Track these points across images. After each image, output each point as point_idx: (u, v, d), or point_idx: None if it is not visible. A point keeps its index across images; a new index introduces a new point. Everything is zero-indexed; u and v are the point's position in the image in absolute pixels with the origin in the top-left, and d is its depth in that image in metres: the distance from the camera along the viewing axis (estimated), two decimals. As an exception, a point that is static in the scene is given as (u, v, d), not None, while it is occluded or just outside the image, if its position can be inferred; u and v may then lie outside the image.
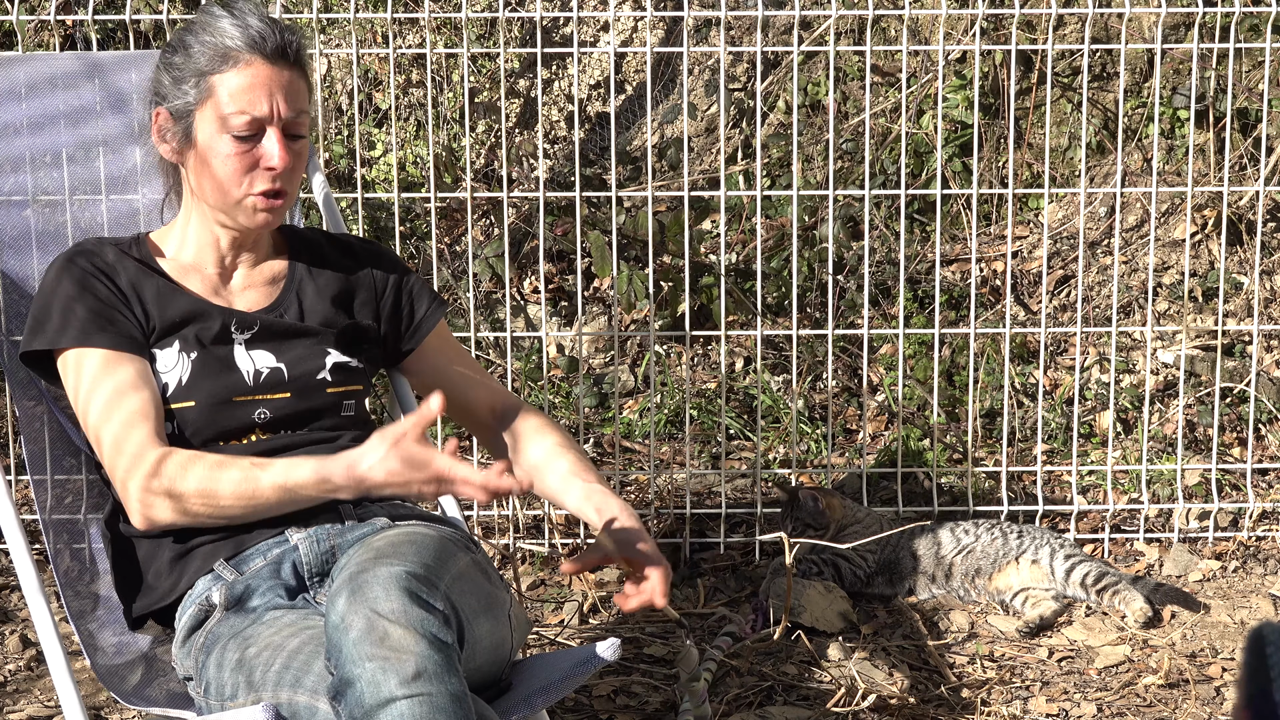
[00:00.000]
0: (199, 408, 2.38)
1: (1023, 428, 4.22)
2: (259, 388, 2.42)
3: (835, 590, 3.57)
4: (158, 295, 2.42)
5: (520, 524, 3.81)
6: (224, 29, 2.37)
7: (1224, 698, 3.24)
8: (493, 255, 4.20)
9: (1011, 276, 4.50)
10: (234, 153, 2.38)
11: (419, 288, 2.63)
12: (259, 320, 2.45)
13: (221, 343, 2.42)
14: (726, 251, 4.50)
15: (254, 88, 2.37)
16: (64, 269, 2.42)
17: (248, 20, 2.37)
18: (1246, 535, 3.88)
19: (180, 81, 2.40)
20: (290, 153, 2.40)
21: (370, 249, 2.64)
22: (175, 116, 2.41)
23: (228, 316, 2.44)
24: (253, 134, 2.39)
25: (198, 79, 2.38)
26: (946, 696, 3.22)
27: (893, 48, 4.13)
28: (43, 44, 4.49)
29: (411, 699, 1.94)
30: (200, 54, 2.38)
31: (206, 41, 2.38)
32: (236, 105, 2.37)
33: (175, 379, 2.39)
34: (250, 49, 2.36)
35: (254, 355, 2.43)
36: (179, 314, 2.42)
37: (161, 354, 2.40)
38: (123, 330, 2.38)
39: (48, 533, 2.57)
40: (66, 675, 2.32)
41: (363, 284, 2.57)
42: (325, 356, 2.47)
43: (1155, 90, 4.04)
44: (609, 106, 4.39)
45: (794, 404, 4.01)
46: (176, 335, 2.41)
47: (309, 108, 2.44)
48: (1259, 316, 4.13)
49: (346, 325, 2.50)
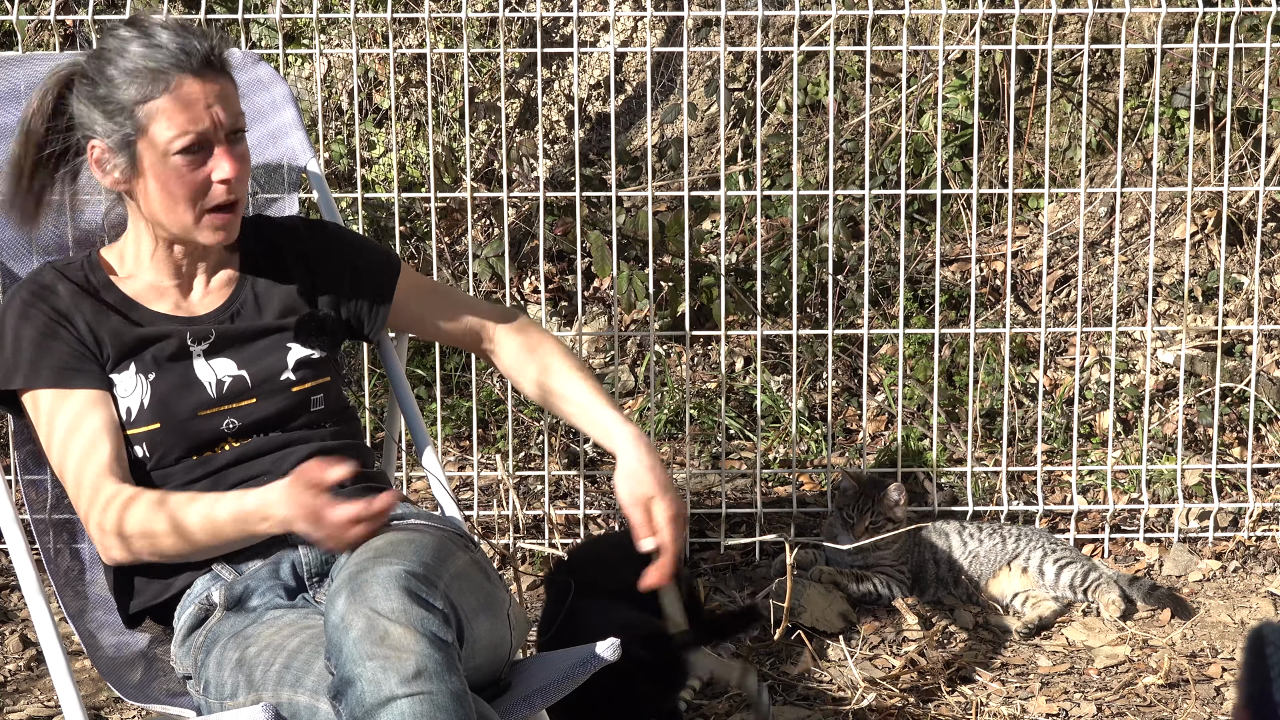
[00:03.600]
0: (165, 429, 2.37)
1: (1023, 428, 4.22)
2: (223, 398, 2.40)
3: (835, 591, 3.57)
4: (106, 320, 2.40)
5: (520, 524, 3.81)
6: (141, 54, 2.32)
7: (1224, 698, 3.24)
8: (493, 255, 4.20)
9: (1011, 276, 4.50)
10: (184, 175, 2.35)
11: (372, 252, 2.62)
12: (213, 329, 2.43)
13: (179, 358, 2.40)
14: (726, 251, 4.50)
15: (190, 106, 2.33)
16: (9, 303, 2.41)
17: (160, 39, 2.33)
18: (1246, 535, 3.88)
19: (112, 115, 2.34)
20: (237, 158, 2.38)
21: (318, 228, 2.62)
22: (115, 149, 2.36)
23: (181, 331, 2.42)
24: (199, 150, 2.36)
25: (131, 110, 2.33)
26: (946, 696, 3.22)
27: (893, 48, 4.13)
28: (43, 44, 4.49)
29: (412, 697, 1.94)
30: (125, 85, 2.33)
31: (127, 69, 2.33)
32: (177, 128, 2.33)
33: (136, 403, 2.38)
34: (176, 69, 2.32)
35: (214, 365, 2.42)
36: (132, 336, 2.40)
37: (119, 379, 2.38)
38: (81, 367, 2.37)
39: (47, 533, 2.57)
40: (66, 675, 2.32)
41: (318, 266, 2.54)
42: (287, 354, 2.45)
43: (1155, 90, 4.04)
44: (609, 106, 4.39)
45: (794, 404, 4.00)
46: (132, 359, 2.39)
47: (240, 104, 2.42)
48: (1259, 316, 4.13)
49: (304, 316, 2.48)
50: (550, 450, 4.02)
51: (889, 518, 3.59)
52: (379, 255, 2.62)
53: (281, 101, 2.90)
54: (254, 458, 2.39)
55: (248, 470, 2.38)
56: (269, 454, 2.40)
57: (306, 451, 2.40)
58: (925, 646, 3.41)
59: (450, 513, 2.62)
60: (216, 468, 2.38)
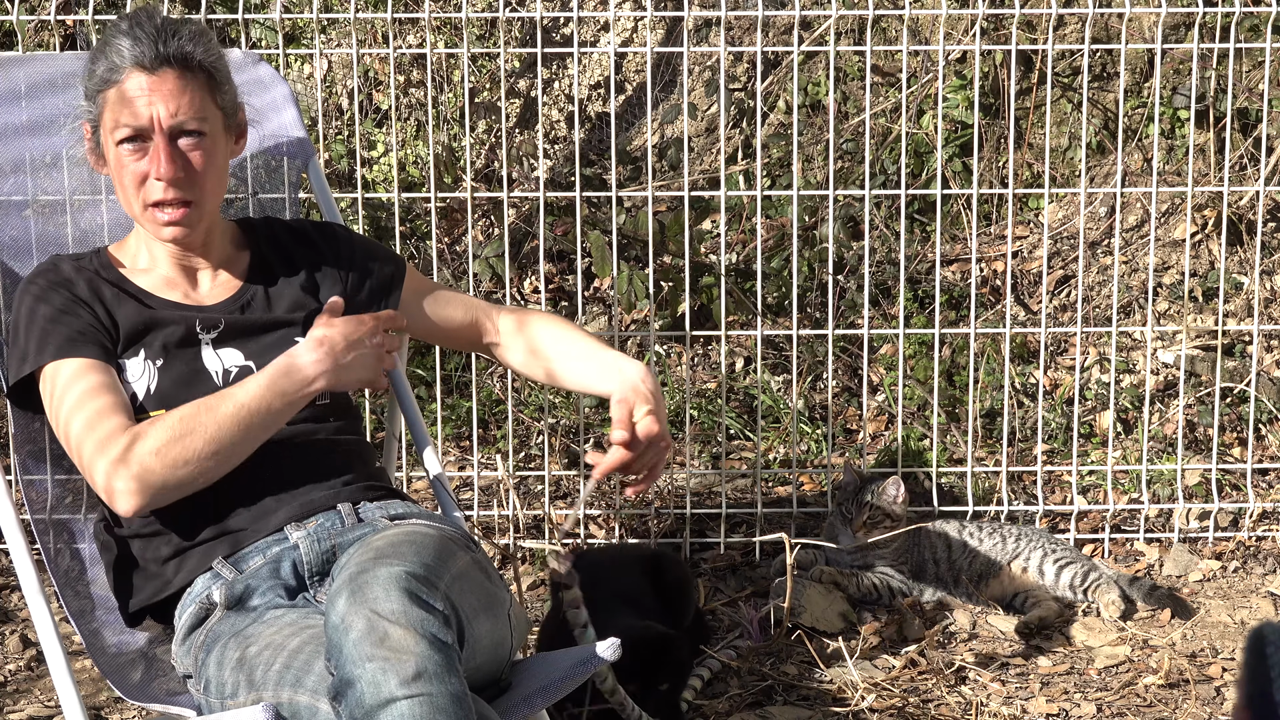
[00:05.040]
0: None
1: (1023, 428, 4.22)
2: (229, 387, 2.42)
3: (835, 591, 3.57)
4: (120, 305, 2.42)
5: (520, 524, 3.81)
6: (117, 46, 2.39)
7: (1224, 698, 3.24)
8: (493, 255, 4.20)
9: (1011, 276, 4.50)
10: (125, 166, 2.41)
11: (379, 255, 2.64)
12: (223, 319, 2.45)
13: (187, 345, 2.42)
14: (726, 251, 4.50)
15: (130, 100, 2.38)
16: (24, 293, 2.44)
17: (136, 33, 2.38)
18: (1246, 535, 3.88)
19: (88, 97, 2.45)
20: (177, 158, 2.39)
21: (327, 231, 2.63)
22: (92, 131, 2.47)
23: (191, 318, 2.43)
24: (139, 143, 2.39)
25: (95, 95, 2.42)
26: (946, 696, 3.22)
27: (893, 48, 4.13)
28: (43, 44, 4.49)
29: (412, 699, 1.94)
30: (96, 71, 2.41)
31: (99, 58, 2.41)
32: (115, 120, 2.40)
33: (143, 388, 2.39)
34: (132, 63, 2.38)
35: (221, 355, 2.43)
36: (142, 322, 2.41)
37: (129, 364, 2.40)
38: (93, 340, 2.39)
39: (48, 533, 2.57)
40: (66, 675, 2.32)
41: (326, 267, 2.56)
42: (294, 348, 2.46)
43: (1155, 90, 4.04)
44: (609, 106, 4.39)
45: (794, 404, 4.00)
46: (141, 344, 2.41)
47: (211, 105, 2.42)
48: (1259, 316, 4.13)
49: (314, 311, 2.49)
50: (550, 450, 4.02)
51: (888, 513, 3.59)
52: (386, 258, 2.65)
53: (282, 102, 2.90)
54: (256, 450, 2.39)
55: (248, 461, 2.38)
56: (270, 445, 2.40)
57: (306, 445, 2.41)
58: (925, 646, 3.41)
59: (450, 513, 2.62)
60: None
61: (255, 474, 2.37)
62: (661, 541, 3.84)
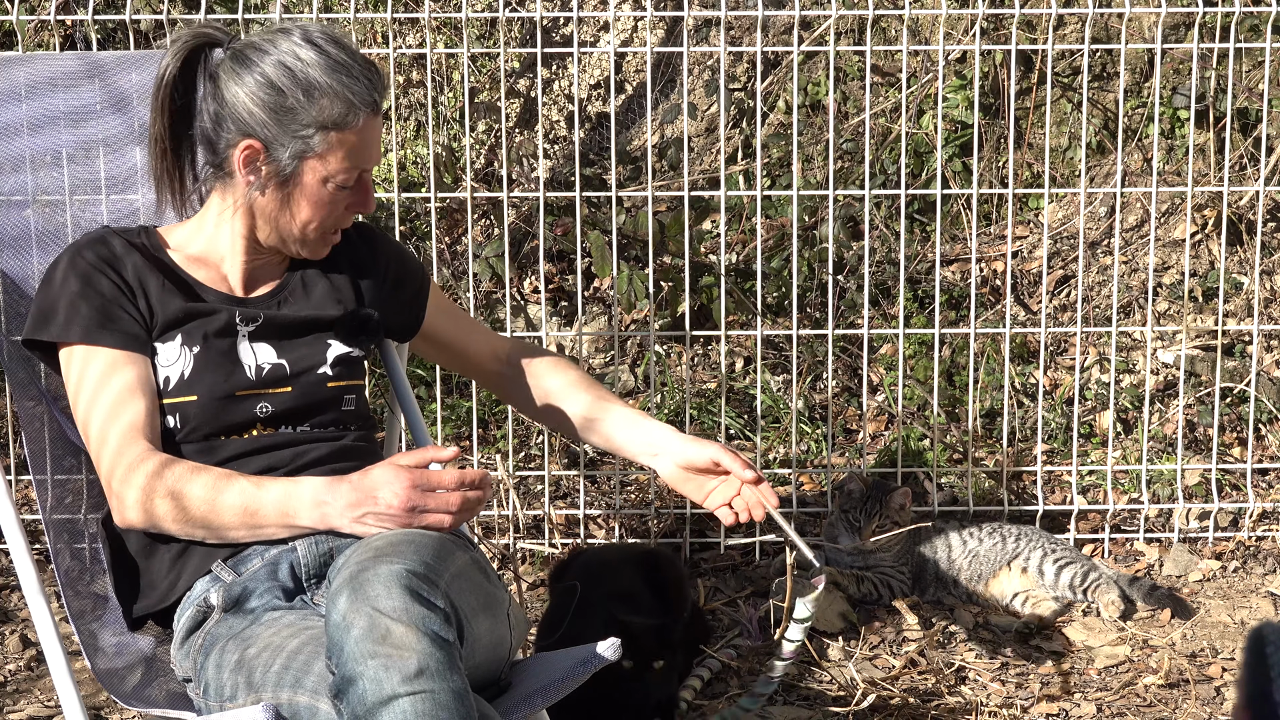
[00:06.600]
0: (200, 402, 2.39)
1: (1023, 428, 4.22)
2: (261, 382, 2.43)
3: (835, 591, 3.57)
4: (162, 289, 2.43)
5: (520, 524, 3.81)
6: (335, 81, 2.37)
7: (1224, 698, 3.24)
8: (493, 255, 4.20)
9: (1011, 276, 4.50)
10: (332, 202, 2.44)
11: (410, 263, 2.68)
12: (262, 313, 2.47)
13: (225, 335, 2.44)
14: (726, 251, 4.50)
15: (367, 145, 2.42)
16: (71, 262, 2.43)
17: (353, 70, 2.38)
18: (1246, 535, 3.88)
19: (289, 128, 2.38)
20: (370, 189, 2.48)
21: (365, 232, 2.66)
22: (275, 157, 2.40)
23: (232, 309, 2.45)
24: (355, 183, 2.45)
25: (323, 131, 2.38)
26: (946, 696, 3.22)
27: (893, 48, 4.13)
28: (43, 44, 4.49)
29: (414, 696, 1.94)
30: (328, 105, 2.37)
31: (332, 91, 2.37)
32: (350, 164, 2.41)
33: (177, 373, 2.40)
34: (366, 106, 2.39)
35: (256, 349, 2.45)
36: (182, 308, 2.43)
37: (163, 347, 2.41)
38: (126, 329, 2.39)
39: (48, 533, 2.57)
40: (66, 675, 2.32)
41: (362, 269, 2.59)
42: (326, 349, 2.48)
43: (1155, 90, 4.04)
44: (609, 106, 4.39)
45: (794, 404, 4.00)
46: (179, 329, 2.42)
47: None
48: (1259, 316, 4.13)
49: (349, 313, 2.52)
50: (550, 450, 4.02)
51: (895, 521, 3.59)
52: (416, 268, 2.69)
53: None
54: (275, 449, 2.41)
55: (266, 461, 2.40)
56: (290, 447, 2.42)
57: (325, 450, 2.43)
58: (925, 646, 3.41)
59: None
60: (238, 453, 2.39)
61: (270, 470, 2.38)
62: (661, 541, 3.84)
